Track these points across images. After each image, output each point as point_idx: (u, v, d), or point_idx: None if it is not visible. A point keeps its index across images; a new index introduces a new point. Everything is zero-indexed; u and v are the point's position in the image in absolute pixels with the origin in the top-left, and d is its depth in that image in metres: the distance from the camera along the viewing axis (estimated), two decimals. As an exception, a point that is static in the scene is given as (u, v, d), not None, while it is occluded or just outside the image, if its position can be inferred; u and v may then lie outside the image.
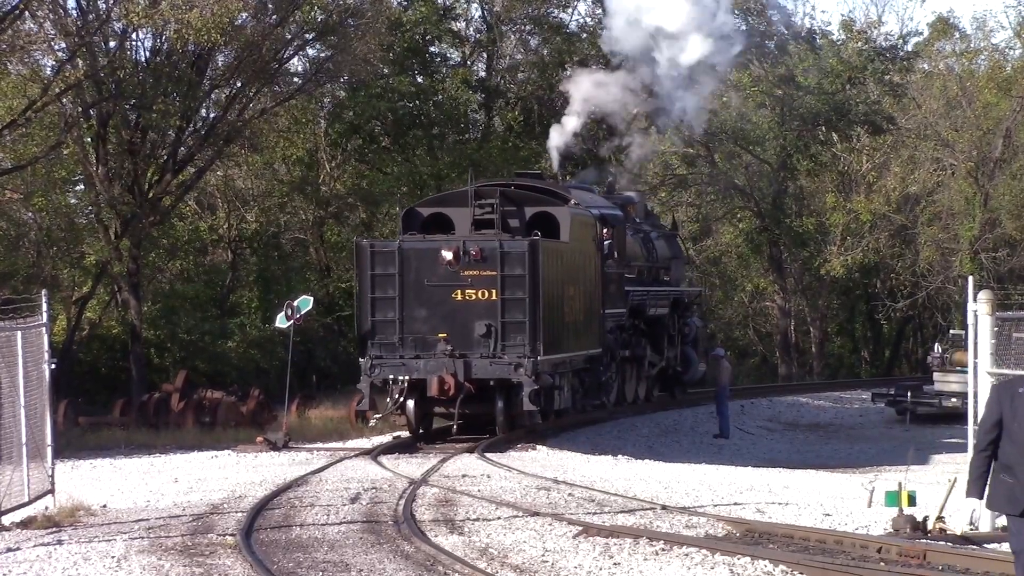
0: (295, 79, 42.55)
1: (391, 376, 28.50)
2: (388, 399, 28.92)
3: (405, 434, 29.53)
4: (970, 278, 18.15)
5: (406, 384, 28.41)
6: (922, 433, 40.39)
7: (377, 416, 29.52)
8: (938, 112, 64.71)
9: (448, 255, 28.44)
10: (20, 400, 18.38)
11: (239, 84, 38.55)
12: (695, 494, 20.92)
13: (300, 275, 47.32)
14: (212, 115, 40.39)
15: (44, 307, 19.47)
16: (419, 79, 48.34)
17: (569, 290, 30.69)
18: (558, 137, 39.81)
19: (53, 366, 19.49)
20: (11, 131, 35.12)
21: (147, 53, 38.63)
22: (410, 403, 28.66)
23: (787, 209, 61.44)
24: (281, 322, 30.87)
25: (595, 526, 17.06)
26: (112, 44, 37.70)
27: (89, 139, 38.08)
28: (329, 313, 46.53)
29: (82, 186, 42.06)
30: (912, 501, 17.35)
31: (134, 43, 38.24)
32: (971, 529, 16.15)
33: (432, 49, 48.85)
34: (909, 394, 44.13)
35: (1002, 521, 16.72)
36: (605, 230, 33.55)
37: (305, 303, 31.06)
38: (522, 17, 49.52)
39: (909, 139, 65.17)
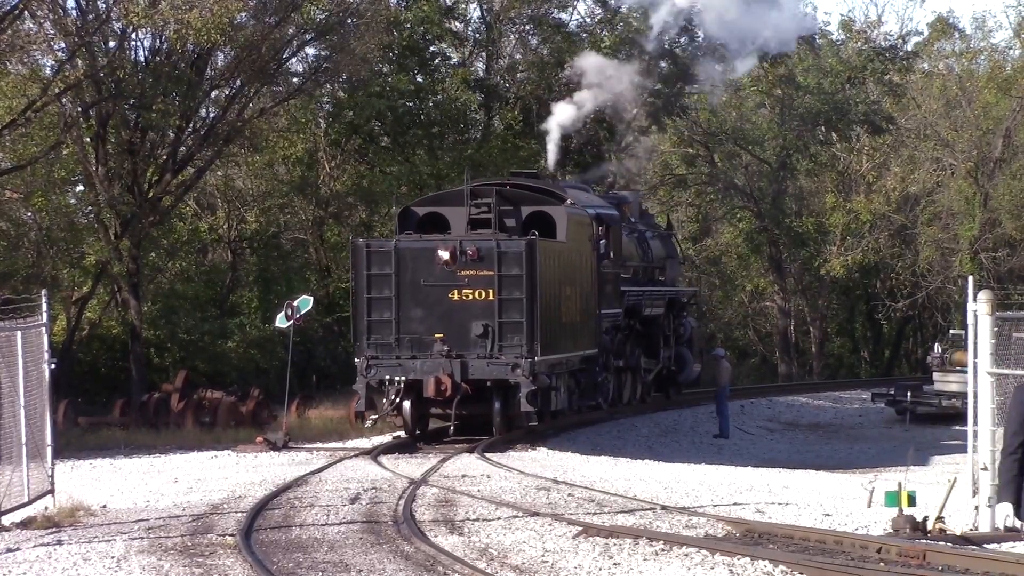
0: (295, 79, 42.51)
1: (387, 377, 28.31)
2: (384, 400, 28.70)
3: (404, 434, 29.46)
4: (970, 278, 18.15)
5: (402, 385, 28.23)
6: (922, 433, 40.41)
7: (373, 417, 29.28)
8: (938, 112, 64.79)
9: (445, 255, 28.24)
10: (20, 400, 18.38)
11: (239, 84, 38.53)
12: (695, 494, 20.92)
13: (300, 275, 47.29)
14: (212, 115, 40.36)
15: (44, 307, 19.48)
16: (418, 78, 48.30)
17: (566, 290, 30.46)
18: (567, 115, 39.21)
19: (53, 366, 19.50)
20: (11, 131, 35.11)
21: (147, 53, 38.63)
22: (406, 404, 28.46)
23: (787, 209, 61.44)
24: (281, 322, 30.86)
25: (595, 526, 17.06)
26: (112, 44, 37.68)
27: (89, 139, 38.05)
28: (329, 313, 46.51)
29: (82, 186, 42.04)
30: (912, 501, 17.34)
31: (134, 43, 38.26)
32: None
33: (431, 49, 48.78)
34: (909, 394, 44.14)
35: (1002, 521, 16.71)
36: (601, 229, 33.32)
37: (305, 303, 31.04)
38: (522, 17, 49.49)
39: (909, 139, 65.23)
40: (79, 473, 25.05)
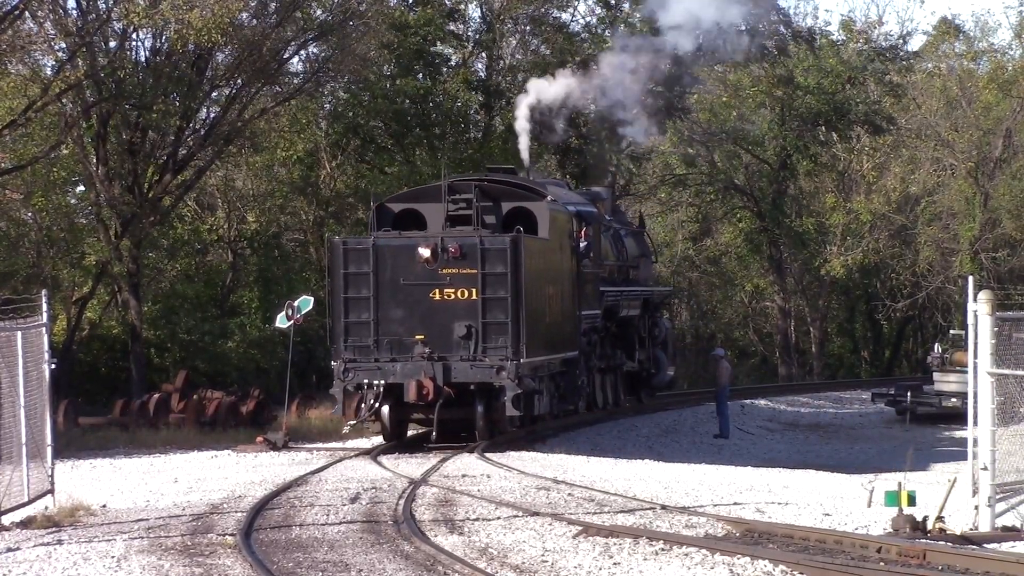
0: (295, 79, 42.50)
1: (366, 381, 27.17)
2: (363, 404, 27.51)
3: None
4: (970, 278, 18.16)
5: (381, 389, 27.17)
6: (922, 433, 40.43)
7: (351, 423, 28.43)
8: (938, 112, 64.79)
9: (425, 252, 27.03)
10: (20, 400, 18.40)
11: (239, 84, 38.53)
12: (695, 494, 20.92)
13: (300, 275, 47.29)
14: (212, 115, 40.35)
15: (44, 307, 19.50)
16: (420, 78, 48.29)
17: (548, 290, 29.29)
18: (525, 106, 38.18)
19: (53, 366, 19.51)
20: (11, 131, 35.12)
21: (147, 53, 38.65)
22: (385, 409, 27.51)
23: (787, 209, 61.43)
24: (281, 322, 30.80)
25: (595, 526, 17.06)
26: (112, 44, 37.71)
27: (89, 139, 38.06)
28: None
29: (82, 186, 42.07)
30: (912, 501, 17.36)
31: (134, 43, 38.28)
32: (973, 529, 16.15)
33: (432, 50, 48.76)
34: (909, 394, 44.14)
35: (1002, 521, 16.74)
36: (582, 228, 32.03)
37: (305, 303, 30.96)
38: (522, 17, 49.47)
39: (909, 139, 65.23)
40: (79, 473, 25.05)
